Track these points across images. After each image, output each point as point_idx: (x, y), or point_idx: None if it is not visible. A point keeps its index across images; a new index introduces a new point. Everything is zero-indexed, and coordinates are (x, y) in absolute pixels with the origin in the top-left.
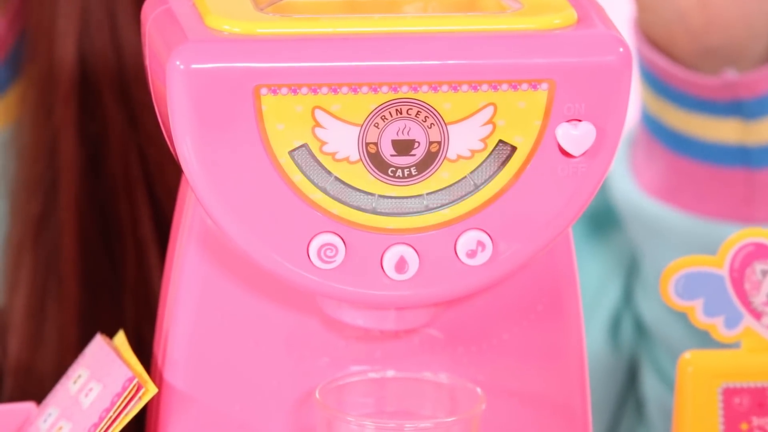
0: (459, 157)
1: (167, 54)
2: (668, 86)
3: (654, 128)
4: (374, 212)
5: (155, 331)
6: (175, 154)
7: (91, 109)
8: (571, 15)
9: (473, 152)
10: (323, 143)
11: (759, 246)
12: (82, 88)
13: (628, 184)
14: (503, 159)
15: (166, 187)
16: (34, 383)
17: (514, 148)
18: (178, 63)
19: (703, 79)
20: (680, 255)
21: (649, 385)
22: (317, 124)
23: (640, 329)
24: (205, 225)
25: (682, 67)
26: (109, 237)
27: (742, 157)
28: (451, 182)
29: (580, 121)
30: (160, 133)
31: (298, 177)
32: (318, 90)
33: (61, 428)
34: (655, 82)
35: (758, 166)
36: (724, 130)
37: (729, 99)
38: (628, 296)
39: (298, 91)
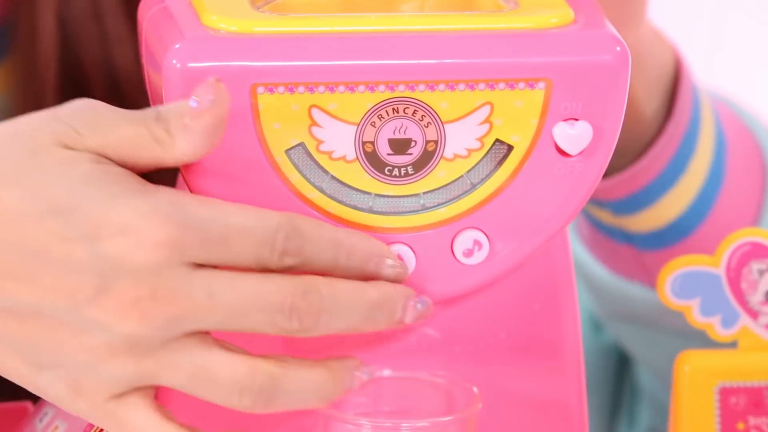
0: (456, 156)
1: (164, 52)
2: None
3: None
4: (371, 211)
5: None
6: None
7: None
8: (568, 14)
9: (470, 151)
10: (320, 142)
11: (756, 245)
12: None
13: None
14: (500, 158)
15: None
16: None
17: (510, 147)
18: (174, 62)
19: None
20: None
21: (642, 377)
22: (314, 123)
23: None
24: None
25: None
26: None
27: (626, 237)
28: (447, 181)
29: (576, 120)
30: None
31: (294, 176)
32: (315, 89)
33: (56, 428)
34: None
35: (642, 248)
36: (601, 213)
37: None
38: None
39: (294, 89)
